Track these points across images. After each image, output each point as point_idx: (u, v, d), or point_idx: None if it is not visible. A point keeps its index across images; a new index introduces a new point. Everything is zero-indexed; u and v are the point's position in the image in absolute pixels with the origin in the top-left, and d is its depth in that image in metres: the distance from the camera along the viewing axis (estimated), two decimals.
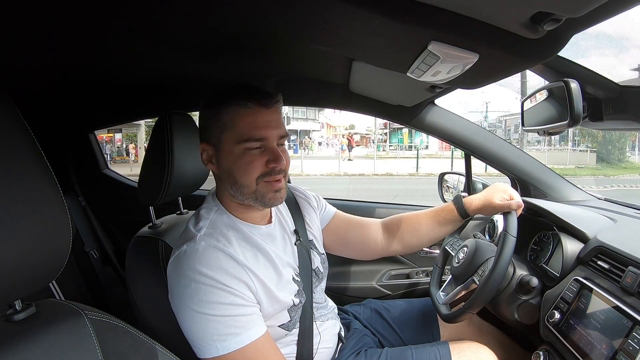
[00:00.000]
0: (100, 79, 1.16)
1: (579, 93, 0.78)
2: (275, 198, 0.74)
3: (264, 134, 0.71)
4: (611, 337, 0.66)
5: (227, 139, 0.72)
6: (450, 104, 16.67)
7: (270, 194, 0.73)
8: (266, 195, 0.73)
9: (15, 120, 0.41)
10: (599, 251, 0.81)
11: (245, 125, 0.70)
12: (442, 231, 1.01)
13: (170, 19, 0.70)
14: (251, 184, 0.72)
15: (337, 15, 0.55)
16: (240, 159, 0.71)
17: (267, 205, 0.75)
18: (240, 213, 0.78)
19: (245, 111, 0.70)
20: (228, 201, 0.78)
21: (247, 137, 0.70)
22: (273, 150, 0.72)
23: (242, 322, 0.66)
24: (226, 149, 0.72)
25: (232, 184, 0.74)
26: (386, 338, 1.06)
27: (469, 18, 0.49)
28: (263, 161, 0.72)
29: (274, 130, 0.72)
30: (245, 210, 0.78)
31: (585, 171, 13.26)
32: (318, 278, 0.91)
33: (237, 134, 0.70)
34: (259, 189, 0.73)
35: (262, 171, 0.72)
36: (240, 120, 0.70)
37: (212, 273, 0.66)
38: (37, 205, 0.41)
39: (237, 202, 0.76)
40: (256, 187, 0.72)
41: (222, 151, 0.73)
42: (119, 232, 1.75)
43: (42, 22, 0.67)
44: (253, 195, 0.73)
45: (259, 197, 0.73)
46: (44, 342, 0.41)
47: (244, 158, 0.71)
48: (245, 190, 0.72)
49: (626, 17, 0.77)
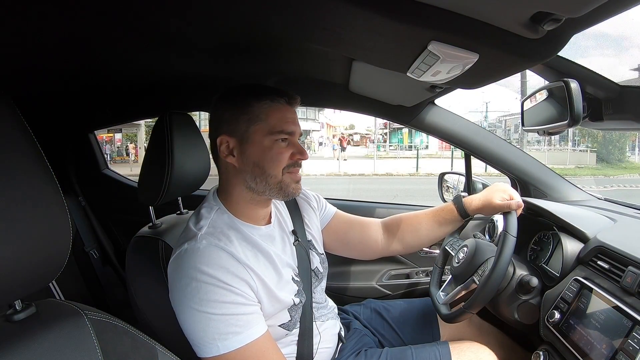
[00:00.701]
0: (101, 79, 1.16)
1: (579, 93, 0.78)
2: (297, 189, 0.79)
3: (292, 128, 0.76)
4: (611, 337, 0.66)
5: (256, 131, 0.75)
6: (450, 104, 16.71)
7: (293, 184, 0.78)
8: (290, 185, 0.77)
9: (15, 120, 0.41)
10: (599, 251, 0.81)
11: (277, 119, 0.75)
12: (442, 231, 1.01)
13: (170, 20, 0.70)
14: (278, 173, 0.76)
15: (337, 15, 0.55)
16: (270, 150, 0.75)
17: (289, 195, 0.79)
18: (242, 212, 0.78)
19: (277, 106, 0.75)
20: (235, 198, 0.78)
21: (279, 129, 0.75)
22: (297, 145, 0.78)
23: (243, 321, 0.66)
24: (255, 139, 0.75)
25: (257, 175, 0.76)
26: (386, 338, 1.06)
27: (469, 18, 0.49)
28: (289, 154, 0.76)
29: (298, 127, 0.78)
30: (251, 208, 0.78)
31: (585, 171, 13.26)
32: (318, 278, 0.91)
33: (269, 126, 0.75)
34: (284, 179, 0.76)
35: (288, 162, 0.76)
36: (272, 114, 0.75)
37: (214, 272, 0.66)
38: (37, 205, 0.41)
39: (251, 196, 0.77)
40: (282, 177, 0.76)
41: (250, 142, 0.75)
42: (119, 232, 1.75)
43: (42, 22, 0.67)
44: (278, 185, 0.76)
45: (283, 187, 0.77)
46: (44, 342, 0.41)
47: (274, 149, 0.75)
48: (272, 180, 0.76)
49: (626, 17, 0.77)
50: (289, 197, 0.79)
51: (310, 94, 1.32)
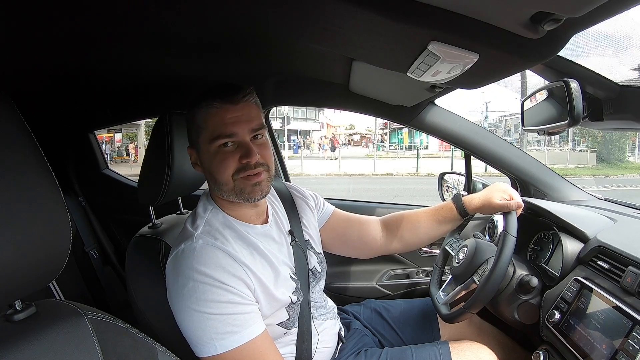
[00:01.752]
0: (100, 79, 1.16)
1: (579, 93, 0.78)
2: (254, 192, 0.74)
3: (232, 129, 0.72)
4: (611, 337, 0.66)
5: (202, 140, 0.74)
6: (450, 104, 16.73)
7: (249, 188, 0.74)
8: (245, 189, 0.74)
9: (15, 120, 0.41)
10: (599, 251, 0.81)
11: (214, 124, 0.72)
12: (441, 229, 1.01)
13: (170, 20, 0.70)
14: (228, 181, 0.73)
15: (337, 15, 0.55)
16: (215, 157, 0.73)
17: (248, 200, 0.75)
18: (234, 211, 0.78)
19: (213, 110, 0.72)
20: (220, 200, 0.78)
21: (217, 134, 0.72)
22: (245, 145, 0.72)
23: (240, 320, 0.66)
24: (203, 149, 0.74)
25: (214, 183, 0.76)
26: (386, 338, 1.06)
27: (469, 18, 0.49)
28: (236, 157, 0.72)
29: (244, 125, 0.72)
30: (237, 208, 0.78)
31: (585, 171, 13.24)
32: (315, 278, 0.91)
33: (209, 133, 0.72)
34: (236, 185, 0.73)
35: (237, 167, 0.73)
36: (209, 120, 0.72)
37: (210, 271, 0.66)
38: (37, 206, 0.41)
39: (225, 199, 0.77)
40: (233, 183, 0.73)
41: (201, 152, 0.75)
42: (119, 232, 1.75)
43: (42, 22, 0.67)
44: (232, 191, 0.74)
45: (238, 193, 0.74)
46: (44, 342, 0.41)
47: (218, 156, 0.73)
48: (225, 187, 0.74)
49: (626, 17, 0.77)
50: (250, 201, 0.75)
51: (310, 94, 1.32)
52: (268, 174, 0.76)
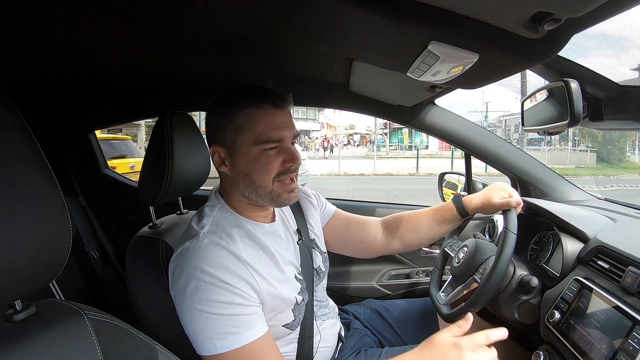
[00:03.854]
0: (100, 79, 1.16)
1: (579, 93, 0.78)
2: (290, 198, 0.76)
3: (281, 135, 0.72)
4: (611, 337, 0.66)
5: (243, 141, 0.72)
6: (450, 104, 16.78)
7: (285, 194, 0.75)
8: (281, 195, 0.75)
9: (15, 120, 0.41)
10: (599, 251, 0.81)
11: (262, 127, 0.71)
12: (441, 230, 1.01)
13: (170, 19, 0.70)
14: (268, 184, 0.73)
15: (337, 16, 0.55)
16: (258, 160, 0.72)
17: (281, 204, 0.77)
18: (246, 211, 0.78)
19: (262, 113, 0.71)
20: (235, 199, 0.78)
21: (265, 138, 0.71)
22: (289, 151, 0.74)
23: (241, 321, 0.66)
24: (243, 150, 0.72)
25: (248, 185, 0.74)
26: (386, 338, 1.06)
27: (469, 18, 0.49)
28: (280, 161, 0.73)
29: (289, 131, 0.74)
30: (252, 209, 0.78)
31: (585, 171, 13.25)
32: (319, 277, 0.91)
33: (255, 135, 0.71)
34: (274, 189, 0.74)
35: (279, 170, 0.73)
36: (257, 122, 0.71)
37: (214, 271, 0.66)
38: (37, 206, 0.41)
39: (248, 202, 0.77)
40: (272, 187, 0.74)
41: (238, 153, 0.73)
42: (119, 232, 1.75)
43: (42, 22, 0.67)
44: (269, 195, 0.74)
45: (274, 197, 0.75)
46: (44, 342, 0.41)
47: (262, 159, 0.72)
48: (262, 190, 0.74)
49: (626, 17, 0.77)
50: (282, 206, 0.77)
51: (310, 94, 1.32)
52: (297, 181, 0.78)
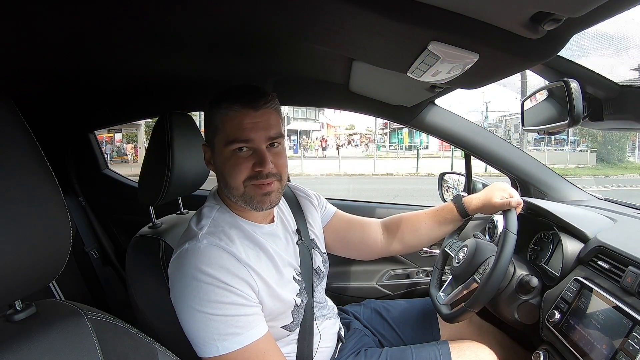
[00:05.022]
0: (100, 79, 1.16)
1: (579, 93, 0.78)
2: (264, 202, 0.73)
3: (249, 135, 0.70)
4: (611, 337, 0.66)
5: (218, 141, 0.73)
6: (450, 104, 16.88)
7: (258, 197, 0.73)
8: (254, 198, 0.73)
9: (15, 120, 0.41)
10: (599, 251, 0.81)
11: (231, 128, 0.71)
12: (442, 230, 1.01)
13: (170, 19, 0.70)
14: (239, 186, 0.72)
15: (337, 15, 0.55)
16: (228, 161, 0.72)
17: (256, 208, 0.74)
18: (242, 211, 0.78)
19: (232, 114, 0.71)
20: (229, 200, 0.78)
21: (232, 138, 0.70)
22: (260, 153, 0.71)
23: (242, 322, 0.66)
24: (218, 150, 0.74)
25: (224, 186, 0.75)
26: (386, 338, 1.06)
27: (469, 18, 0.49)
28: (250, 164, 0.71)
29: (261, 132, 0.71)
30: (244, 209, 0.78)
31: (585, 171, 13.25)
32: (319, 277, 0.91)
33: (225, 135, 0.71)
34: (246, 192, 0.72)
35: (249, 174, 0.71)
36: (227, 123, 0.71)
37: (214, 272, 0.66)
38: (38, 206, 0.41)
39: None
40: (244, 189, 0.72)
41: (215, 153, 0.75)
42: (119, 232, 1.75)
43: (42, 22, 0.67)
44: (242, 197, 0.73)
45: (247, 200, 0.73)
46: (44, 342, 0.41)
47: (232, 160, 0.71)
48: (234, 192, 0.73)
49: (626, 17, 0.77)
50: (257, 210, 0.74)
51: (310, 94, 1.32)
52: (280, 184, 0.75)
